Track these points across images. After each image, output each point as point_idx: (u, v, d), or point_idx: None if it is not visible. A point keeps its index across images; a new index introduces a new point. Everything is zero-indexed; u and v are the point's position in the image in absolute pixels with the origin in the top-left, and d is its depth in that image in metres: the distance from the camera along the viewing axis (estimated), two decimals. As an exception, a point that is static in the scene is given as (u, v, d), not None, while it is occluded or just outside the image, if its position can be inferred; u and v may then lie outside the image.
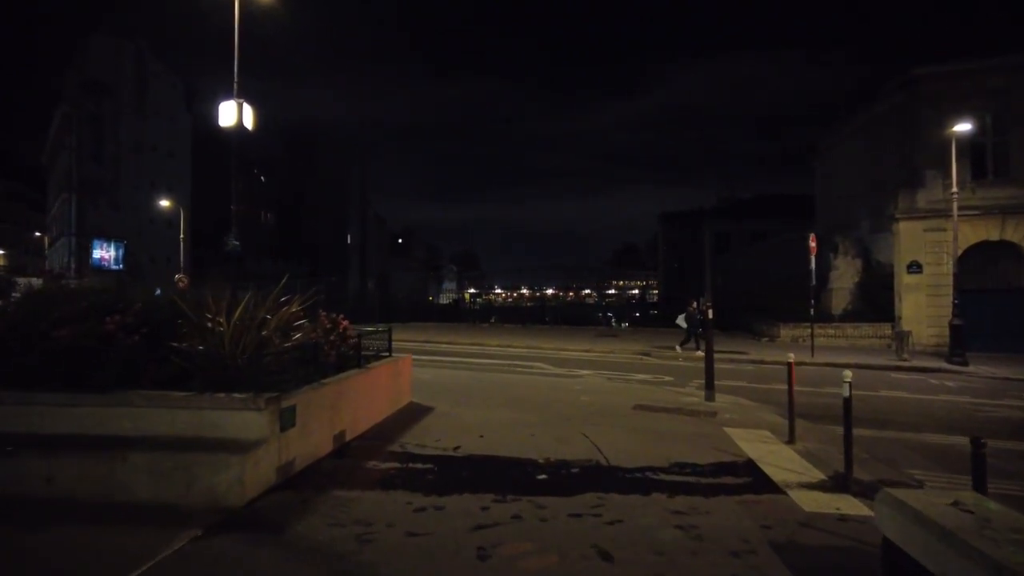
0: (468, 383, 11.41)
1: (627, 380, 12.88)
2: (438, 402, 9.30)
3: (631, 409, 9.31)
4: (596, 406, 9.42)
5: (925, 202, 20.78)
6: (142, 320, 6.48)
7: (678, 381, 12.95)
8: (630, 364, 16.41)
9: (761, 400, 10.90)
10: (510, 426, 7.80)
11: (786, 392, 11.88)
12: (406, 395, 9.13)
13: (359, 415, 7.18)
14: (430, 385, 10.91)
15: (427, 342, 21.94)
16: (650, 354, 18.79)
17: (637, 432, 7.77)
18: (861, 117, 26.17)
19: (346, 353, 7.72)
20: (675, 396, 10.66)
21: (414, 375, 11.15)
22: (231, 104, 13.55)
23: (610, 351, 19.38)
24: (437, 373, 12.72)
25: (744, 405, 10.02)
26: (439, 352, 18.77)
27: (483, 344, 21.31)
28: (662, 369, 15.23)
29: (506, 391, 10.53)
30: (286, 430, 5.48)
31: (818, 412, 9.79)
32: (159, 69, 49.23)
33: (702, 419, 8.75)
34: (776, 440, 7.64)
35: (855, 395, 5.96)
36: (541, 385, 11.36)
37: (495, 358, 17.16)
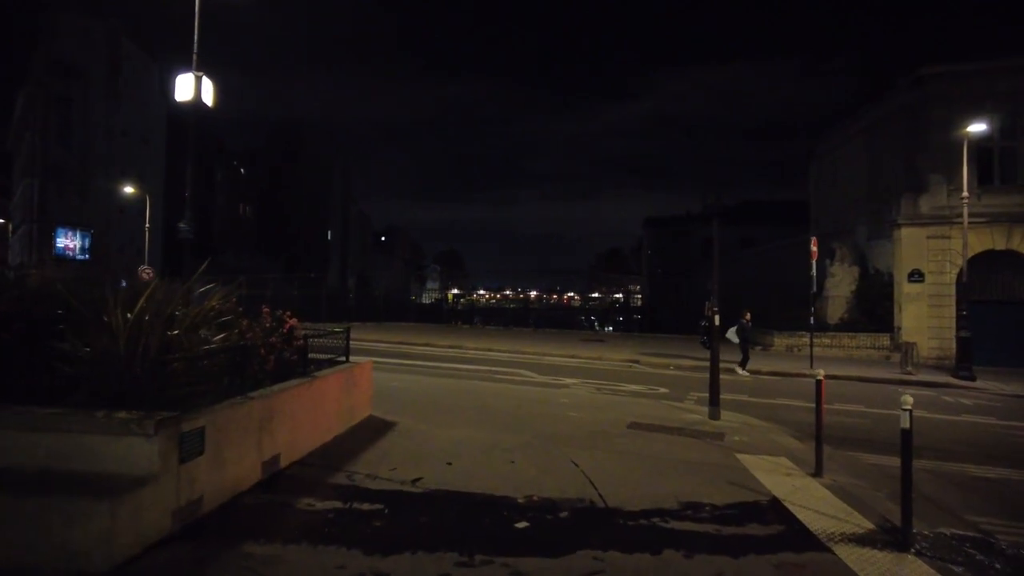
0: (441, 393, 10.12)
1: (617, 391, 11.67)
2: (403, 416, 8.01)
3: (626, 428, 8.08)
4: (586, 424, 8.18)
5: (929, 208, 19.84)
6: (18, 313, 5.14)
7: (674, 394, 11.77)
8: (619, 373, 15.21)
9: (767, 417, 9.75)
10: (485, 449, 6.53)
11: (794, 409, 10.86)
12: (364, 408, 7.83)
13: (300, 435, 5.88)
14: (397, 395, 9.62)
15: (402, 343, 20.60)
16: (639, 362, 17.63)
17: (636, 459, 6.54)
18: (861, 121, 25.29)
19: (289, 359, 6.42)
20: (674, 412, 9.46)
21: (381, 383, 9.88)
22: (188, 77, 12.26)
23: (597, 357, 18.19)
24: (408, 380, 11.41)
25: (753, 425, 8.84)
26: (414, 355, 17.45)
27: (462, 347, 20.00)
28: (655, 379, 14.04)
29: (483, 403, 9.25)
30: (189, 460, 4.17)
31: (835, 434, 8.63)
32: (132, 51, 47.20)
33: (709, 442, 7.55)
34: (799, 471, 6.46)
35: (872, 414, 4.92)
36: (523, 397, 10.09)
37: (474, 363, 15.88)
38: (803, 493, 5.66)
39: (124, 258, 45.96)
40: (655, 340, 26.20)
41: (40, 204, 41.21)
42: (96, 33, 43.94)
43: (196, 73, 12.12)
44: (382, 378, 11.18)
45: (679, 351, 20.78)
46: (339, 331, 8.04)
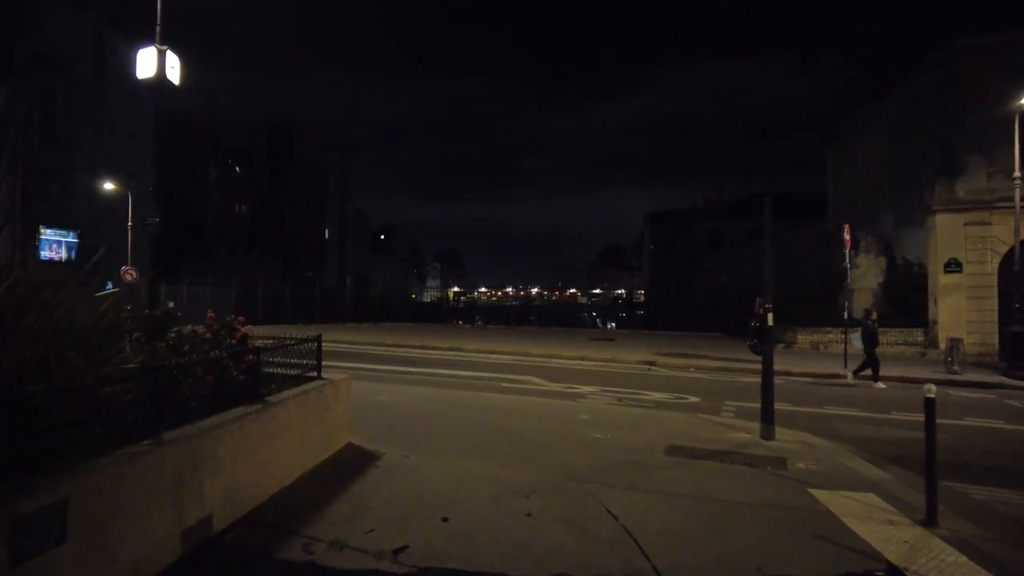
0: (438, 408, 8.60)
1: (642, 402, 10.15)
2: (390, 443, 6.53)
3: (665, 454, 6.58)
4: (615, 449, 6.67)
5: (966, 192, 18.31)
6: None
7: (706, 402, 10.26)
8: (638, 377, 13.69)
9: (822, 432, 8.22)
10: (492, 493, 5.03)
11: (850, 422, 9.33)
12: (341, 434, 6.33)
13: (246, 482, 4.39)
14: (386, 412, 8.13)
15: (397, 346, 19.12)
16: (656, 363, 16.12)
17: (688, 503, 5.04)
18: (885, 104, 23.74)
19: (236, 379, 4.92)
20: (716, 430, 7.94)
21: (368, 396, 8.44)
22: (150, 52, 10.88)
23: (609, 359, 16.67)
24: (400, 392, 9.90)
25: (814, 445, 7.32)
26: (409, 360, 15.96)
27: (463, 349, 18.50)
28: (679, 384, 12.52)
29: (488, 422, 7.74)
30: (35, 556, 2.68)
31: (908, 453, 7.14)
32: (119, 44, 45.60)
33: (771, 473, 6.04)
34: (901, 517, 4.94)
35: (946, 425, 3.54)
36: (534, 411, 8.57)
37: (477, 368, 14.37)
38: (926, 557, 4.15)
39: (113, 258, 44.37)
40: (667, 338, 24.70)
41: (23, 203, 39.67)
42: (81, 25, 42.39)
43: (159, 47, 10.74)
44: (369, 390, 9.70)
45: (696, 350, 19.30)
46: (311, 339, 6.54)
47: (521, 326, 33.35)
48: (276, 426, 4.89)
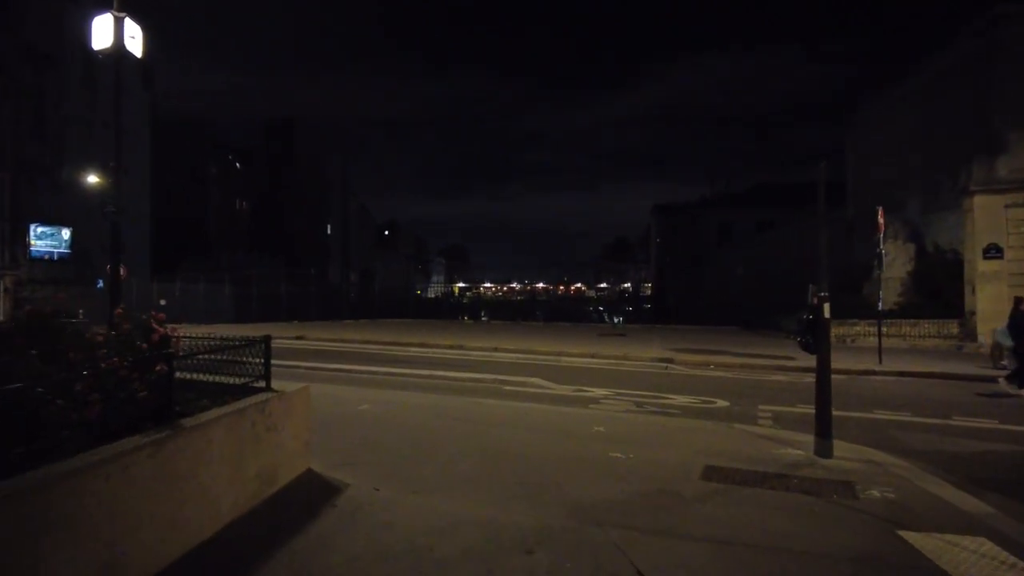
0: (427, 420, 7.31)
1: (665, 408, 8.83)
2: (361, 469, 5.26)
3: (701, 479, 5.28)
4: (639, 473, 5.37)
5: (1008, 170, 16.89)
6: None
7: (737, 407, 8.95)
8: (655, 377, 12.38)
9: (882, 444, 6.91)
10: (486, 549, 3.74)
11: (909, 429, 7.92)
12: (296, 461, 5.04)
13: (133, 546, 3.11)
14: (364, 426, 6.86)
15: (393, 344, 17.87)
16: (673, 361, 14.80)
17: (743, 553, 3.74)
18: (912, 82, 22.29)
19: (133, 398, 3.63)
20: (758, 444, 6.62)
21: (348, 404, 7.23)
22: (106, 19, 9.68)
23: (622, 356, 15.36)
24: (386, 399, 8.62)
25: (881, 463, 5.99)
26: (404, 360, 14.70)
27: (464, 347, 17.23)
28: (702, 385, 11.21)
29: (485, 440, 6.44)
30: None
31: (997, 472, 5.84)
32: (111, 38, 44.55)
33: (841, 505, 4.74)
34: (1039, 576, 3.63)
35: (1004, 430, 2.15)
36: (541, 423, 7.26)
37: (477, 369, 13.08)
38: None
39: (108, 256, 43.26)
40: (681, 333, 23.38)
41: (12, 200, 38.58)
42: (69, 18, 41.20)
43: (116, 14, 9.52)
44: (351, 397, 8.45)
45: (714, 345, 17.99)
46: (259, 340, 5.28)
47: (527, 321, 32.04)
48: (189, 459, 3.61)
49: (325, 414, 7.17)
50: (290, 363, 13.20)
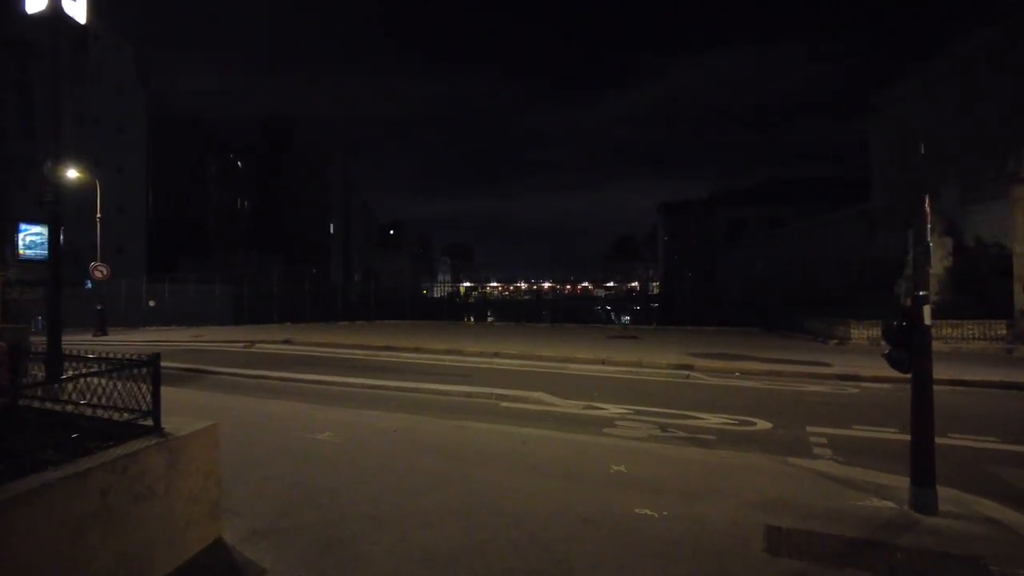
0: (398, 455, 5.79)
1: (695, 431, 7.28)
2: (291, 539, 3.75)
3: (764, 552, 3.76)
4: (677, 541, 3.84)
5: (1064, 155, 15.24)
6: None
7: (783, 429, 7.39)
8: (676, 388, 10.83)
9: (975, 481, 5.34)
10: None
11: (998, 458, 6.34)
12: (192, 533, 3.53)
13: None
14: (315, 463, 5.35)
15: (384, 349, 16.38)
16: (694, 368, 13.24)
17: None
18: (946, 61, 20.63)
19: None
20: (826, 487, 5.06)
21: (308, 429, 5.72)
22: None
23: (636, 363, 13.81)
24: (355, 425, 7.10)
25: (1007, 524, 4.43)
26: (392, 368, 13.20)
27: (462, 352, 15.72)
28: (731, 398, 9.66)
29: (468, 486, 4.91)
30: None
31: None
32: (102, 30, 43.30)
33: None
34: None
35: None
36: (543, 459, 5.71)
37: (473, 380, 11.56)
38: None
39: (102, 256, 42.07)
40: (696, 335, 21.76)
41: (1, 199, 37.38)
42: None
43: (52, -31, 8.13)
44: (314, 420, 6.95)
45: (735, 348, 16.39)
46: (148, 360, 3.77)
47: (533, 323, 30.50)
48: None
49: (271, 447, 5.67)
50: (260, 373, 11.74)
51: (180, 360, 14.46)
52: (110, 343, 21.39)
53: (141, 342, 20.89)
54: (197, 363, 13.68)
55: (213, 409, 7.81)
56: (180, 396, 8.96)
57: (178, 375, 12.26)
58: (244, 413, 7.50)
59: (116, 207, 43.93)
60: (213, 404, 8.23)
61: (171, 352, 17.29)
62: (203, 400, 8.58)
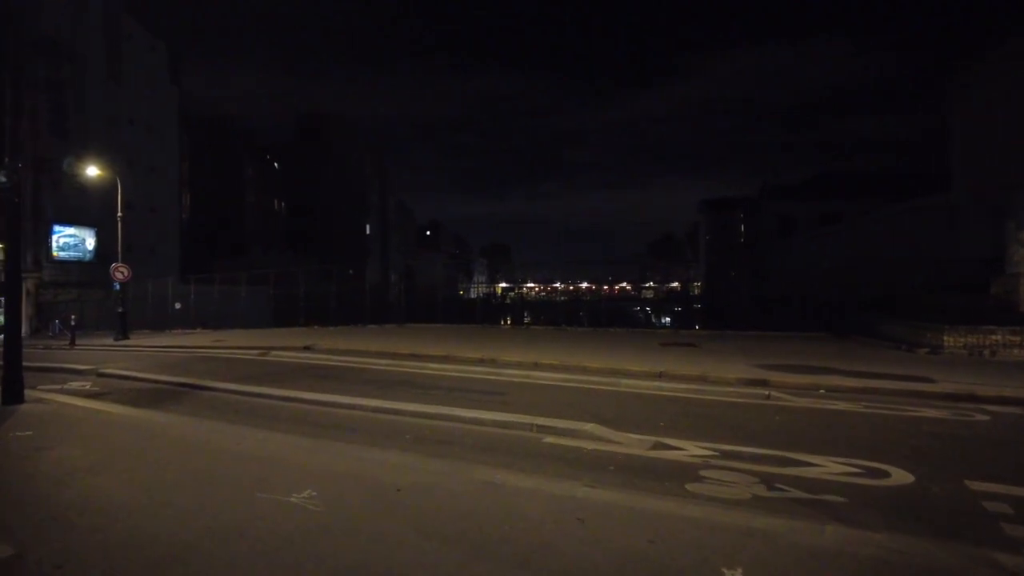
0: (399, 539, 3.98)
1: (812, 489, 5.28)
2: None
3: None
4: None
5: None
6: None
7: (931, 482, 5.34)
8: (759, 414, 8.79)
9: None
10: None
11: None
12: None
13: None
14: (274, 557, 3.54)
15: (411, 357, 14.69)
16: (768, 383, 11.15)
17: None
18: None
19: None
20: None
21: (285, 483, 3.97)
22: None
23: (699, 377, 11.78)
24: (347, 473, 5.31)
25: None
26: (416, 383, 11.47)
27: (497, 362, 13.92)
28: (837, 431, 7.62)
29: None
30: None
31: None
32: (135, 30, 42.88)
33: None
34: None
35: None
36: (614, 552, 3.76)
37: (507, 402, 9.72)
38: None
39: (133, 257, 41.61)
40: (756, 341, 19.46)
41: (34, 199, 37.09)
42: (91, 8, 39.57)
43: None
44: (300, 466, 5.19)
45: (808, 359, 14.18)
46: None
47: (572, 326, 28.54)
48: None
49: (217, 519, 3.92)
50: (260, 390, 10.11)
51: (181, 372, 13.02)
52: (116, 349, 20.23)
53: (155, 348, 19.66)
54: (198, 376, 12.18)
55: (174, 446, 6.16)
56: (152, 424, 7.36)
57: (170, 392, 10.75)
58: (211, 454, 5.82)
59: (148, 207, 43.51)
60: (182, 436, 6.58)
61: (179, 361, 15.94)
62: (175, 431, 6.94)
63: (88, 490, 4.77)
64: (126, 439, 6.43)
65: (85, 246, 39.38)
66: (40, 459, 5.68)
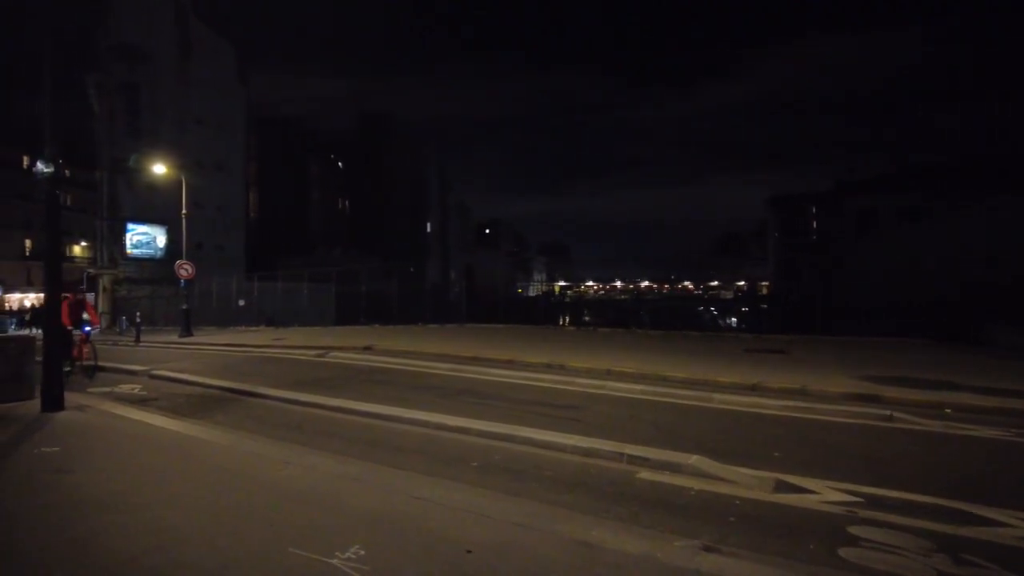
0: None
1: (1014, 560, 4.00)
2: None
3: None
4: None
5: None
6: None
7: None
8: (888, 441, 7.37)
9: None
10: None
11: None
12: None
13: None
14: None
15: (473, 361, 13.76)
16: (881, 399, 9.65)
17: None
18: None
19: None
20: None
21: (329, 534, 2.90)
22: None
23: (799, 390, 10.33)
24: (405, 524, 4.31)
25: None
26: (480, 391, 10.50)
27: (565, 368, 12.81)
28: (996, 464, 6.19)
29: None
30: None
31: None
32: (204, 33, 43.74)
33: None
34: None
35: None
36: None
37: (585, 419, 8.60)
38: None
39: (202, 255, 42.48)
40: (854, 348, 17.56)
41: (110, 198, 38.23)
42: (164, 13, 40.54)
43: None
44: (348, 511, 4.23)
45: (922, 370, 12.44)
46: None
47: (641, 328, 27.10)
48: None
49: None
50: (313, 399, 9.34)
51: (235, 375, 12.46)
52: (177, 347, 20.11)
53: (215, 346, 19.44)
54: (251, 380, 11.56)
55: (208, 475, 5.33)
56: (190, 443, 6.60)
57: (218, 399, 10.11)
58: (248, 486, 4.95)
59: (216, 206, 44.35)
60: (219, 461, 5.76)
61: (236, 362, 15.51)
62: (213, 454, 6.13)
63: (92, 535, 3.95)
64: (157, 462, 5.66)
65: (156, 244, 40.39)
66: (54, 486, 4.95)
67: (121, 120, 38.38)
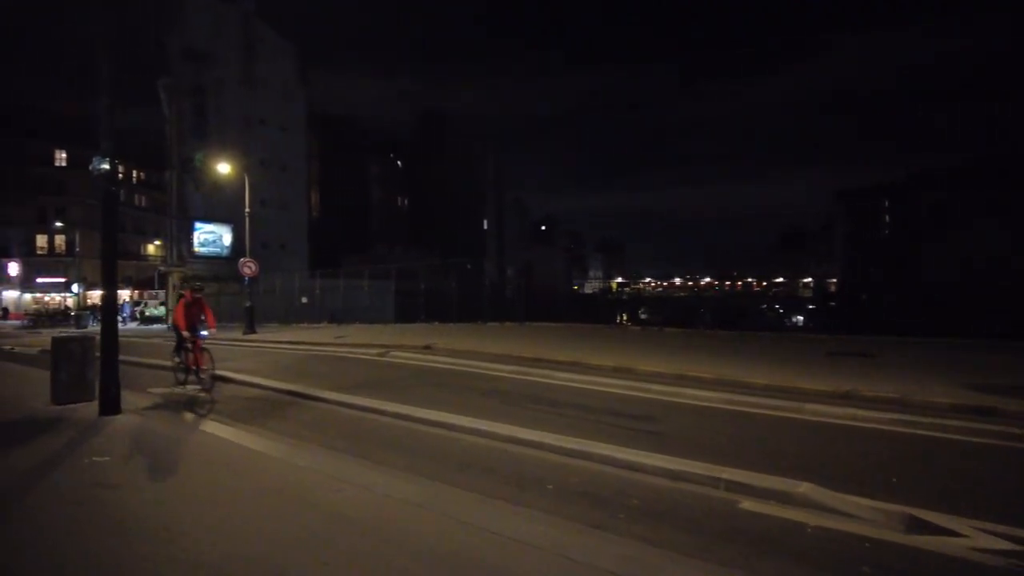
0: None
1: None
2: None
3: None
4: None
5: None
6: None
7: None
8: (1019, 462, 6.39)
9: None
10: None
11: None
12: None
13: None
14: None
15: (535, 363, 13.16)
16: (1000, 412, 8.51)
17: None
18: None
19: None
20: None
21: None
22: None
23: (896, 400, 9.27)
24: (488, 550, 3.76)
25: None
26: (546, 397, 9.90)
27: (634, 372, 12.06)
28: None
29: None
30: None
31: None
32: (267, 35, 44.60)
33: None
34: None
35: None
36: None
37: (666, 432, 7.87)
38: None
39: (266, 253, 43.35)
40: (947, 351, 16.09)
41: (179, 198, 39.45)
42: (226, 16, 41.51)
43: None
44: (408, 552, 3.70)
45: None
46: None
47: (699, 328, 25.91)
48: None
49: None
50: (373, 404, 8.93)
51: (294, 376, 12.29)
52: (240, 345, 20.28)
53: (277, 344, 19.52)
54: (310, 382, 11.30)
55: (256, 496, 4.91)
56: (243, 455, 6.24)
57: (277, 403, 9.84)
58: (297, 511, 4.48)
59: (279, 205, 45.25)
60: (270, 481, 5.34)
61: (296, 361, 15.40)
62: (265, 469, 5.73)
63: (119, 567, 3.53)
64: (206, 478, 5.29)
65: (222, 242, 41.44)
66: (98, 504, 4.62)
67: (189, 122, 39.54)
